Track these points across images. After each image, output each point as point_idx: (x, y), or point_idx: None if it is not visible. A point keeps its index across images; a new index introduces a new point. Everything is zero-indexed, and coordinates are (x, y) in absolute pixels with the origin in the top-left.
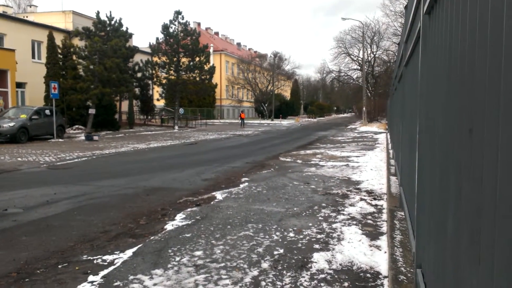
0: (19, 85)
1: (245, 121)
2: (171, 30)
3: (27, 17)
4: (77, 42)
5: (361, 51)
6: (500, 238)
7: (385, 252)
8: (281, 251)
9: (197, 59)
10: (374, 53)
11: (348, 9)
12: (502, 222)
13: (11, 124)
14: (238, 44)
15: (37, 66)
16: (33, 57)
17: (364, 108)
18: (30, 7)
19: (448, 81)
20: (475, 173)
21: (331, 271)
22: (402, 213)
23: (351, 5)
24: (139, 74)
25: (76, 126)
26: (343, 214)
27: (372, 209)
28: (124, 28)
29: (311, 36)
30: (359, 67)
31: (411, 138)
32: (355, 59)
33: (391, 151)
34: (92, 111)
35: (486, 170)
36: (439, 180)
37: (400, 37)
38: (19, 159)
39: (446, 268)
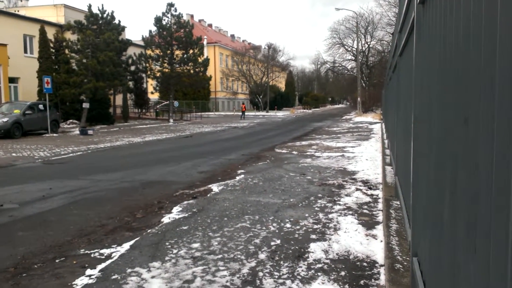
0: (12, 80)
1: (245, 113)
2: (164, 23)
3: (18, 11)
4: (69, 36)
5: (355, 42)
6: (496, 226)
7: (381, 241)
8: (278, 242)
9: (191, 51)
10: (368, 43)
11: None
12: (498, 211)
13: (5, 119)
14: (232, 36)
15: (29, 60)
16: (25, 51)
17: (358, 99)
18: (21, 1)
19: (443, 70)
20: (470, 162)
21: (328, 261)
22: (398, 203)
23: None
24: (132, 68)
25: (70, 120)
26: (339, 204)
27: (368, 199)
28: (116, 21)
29: (309, 27)
30: (354, 58)
31: (406, 128)
32: (349, 49)
33: (386, 141)
34: (86, 105)
35: (482, 159)
36: (435, 169)
37: (394, 27)
38: (14, 154)
39: (442, 256)
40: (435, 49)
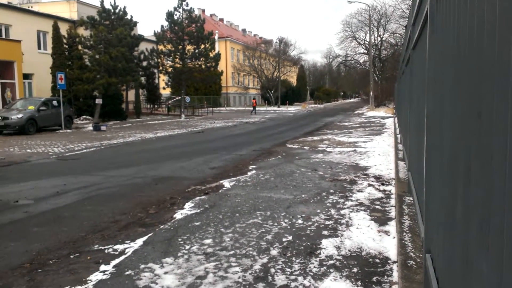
0: (26, 76)
1: (256, 109)
2: (175, 17)
3: (31, 7)
4: (82, 31)
5: (367, 35)
6: (510, 223)
7: (394, 238)
8: (290, 238)
9: (202, 46)
10: (381, 36)
11: None
12: None
13: (19, 115)
14: (243, 30)
15: (43, 56)
16: (39, 47)
17: (371, 93)
18: None
19: (456, 63)
20: (484, 158)
21: (340, 257)
22: (411, 198)
23: None
24: (144, 63)
25: (84, 116)
26: (351, 200)
27: (380, 195)
28: (128, 17)
29: (321, 21)
30: (366, 51)
31: (419, 122)
32: (361, 43)
33: (399, 136)
34: (99, 101)
35: (496, 154)
36: (448, 165)
37: (407, 19)
38: (28, 150)
39: (455, 253)
40: (449, 42)
